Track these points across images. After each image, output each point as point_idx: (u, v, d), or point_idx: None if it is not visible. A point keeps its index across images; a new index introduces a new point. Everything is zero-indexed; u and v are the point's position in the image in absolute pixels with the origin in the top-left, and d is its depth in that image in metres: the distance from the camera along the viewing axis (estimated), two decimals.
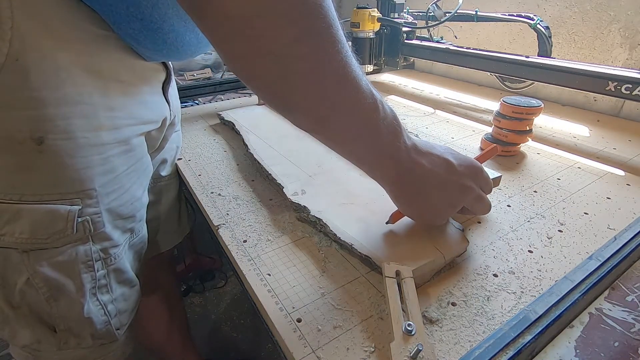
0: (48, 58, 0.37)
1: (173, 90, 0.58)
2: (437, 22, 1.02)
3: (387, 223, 0.44)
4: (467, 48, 0.93)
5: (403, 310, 0.34)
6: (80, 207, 0.42)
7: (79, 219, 0.43)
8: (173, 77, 0.58)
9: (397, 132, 0.36)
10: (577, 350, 0.34)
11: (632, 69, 0.67)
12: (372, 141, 0.35)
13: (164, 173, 0.65)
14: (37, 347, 0.47)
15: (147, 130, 0.50)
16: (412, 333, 0.32)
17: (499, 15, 0.93)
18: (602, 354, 0.33)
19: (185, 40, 0.46)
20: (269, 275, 0.41)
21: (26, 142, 0.38)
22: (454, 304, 0.38)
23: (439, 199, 0.39)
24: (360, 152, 0.37)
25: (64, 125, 0.39)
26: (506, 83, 1.02)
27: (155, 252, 0.70)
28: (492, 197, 0.55)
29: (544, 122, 0.83)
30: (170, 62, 0.56)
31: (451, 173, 0.38)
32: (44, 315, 0.46)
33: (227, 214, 0.52)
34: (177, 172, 0.68)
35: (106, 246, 0.47)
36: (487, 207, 0.43)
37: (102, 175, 0.43)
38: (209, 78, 1.22)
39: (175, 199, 0.70)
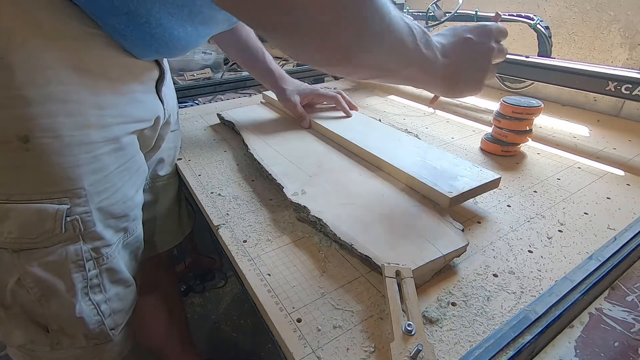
0: (33, 56, 0.37)
1: (168, 90, 0.58)
2: (437, 22, 1.02)
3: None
4: None
5: (403, 310, 0.34)
6: (68, 206, 0.42)
7: (68, 218, 0.42)
8: (167, 76, 0.57)
9: (431, 49, 0.43)
10: (577, 350, 0.34)
11: (632, 69, 0.67)
12: (423, 71, 0.44)
13: (162, 172, 0.64)
14: (30, 347, 0.47)
15: (139, 128, 0.50)
16: (412, 333, 0.32)
17: None
18: (602, 354, 0.33)
19: (174, 35, 0.46)
20: (269, 275, 0.41)
21: (12, 141, 0.38)
22: (454, 304, 0.38)
23: (475, 72, 0.47)
24: (415, 79, 0.46)
25: (50, 124, 0.39)
26: (506, 83, 1.02)
27: (154, 252, 0.70)
28: (492, 197, 0.55)
29: (544, 122, 0.83)
30: (165, 61, 0.55)
31: (474, 48, 0.46)
32: (36, 316, 0.46)
33: (227, 214, 0.52)
34: (176, 172, 0.68)
35: (98, 245, 0.46)
36: (505, 52, 0.48)
37: (91, 174, 0.43)
38: (209, 78, 1.22)
39: (175, 198, 0.70)
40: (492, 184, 0.52)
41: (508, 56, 0.81)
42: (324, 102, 0.81)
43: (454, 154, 0.59)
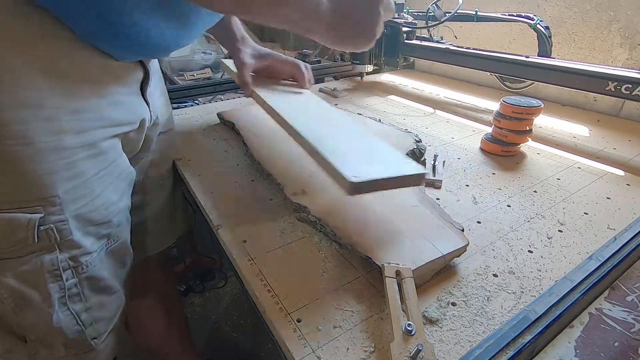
0: (2, 61, 0.36)
1: (154, 90, 0.56)
2: (437, 22, 1.02)
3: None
4: (467, 48, 0.93)
5: (403, 310, 0.34)
6: (42, 215, 0.41)
7: (42, 227, 0.41)
8: (155, 77, 0.56)
9: None
10: (577, 350, 0.34)
11: (632, 69, 0.67)
12: (302, 13, 0.41)
13: (154, 174, 0.63)
14: (8, 357, 0.46)
15: (121, 132, 0.48)
16: (412, 333, 0.32)
17: (499, 15, 0.93)
18: (602, 354, 0.33)
19: (150, 35, 0.44)
20: (269, 275, 0.41)
21: None
22: (454, 304, 0.38)
23: (364, 19, 0.44)
24: (295, 21, 0.42)
25: (22, 130, 0.37)
26: (506, 83, 1.02)
27: (147, 254, 0.68)
28: (492, 197, 0.55)
29: (544, 122, 0.83)
30: (152, 62, 0.53)
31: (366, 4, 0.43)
32: (13, 326, 0.45)
33: (227, 214, 0.52)
34: (172, 172, 0.67)
35: (76, 254, 0.45)
36: (393, 9, 0.47)
37: (67, 180, 0.42)
38: (209, 78, 1.22)
39: (169, 199, 0.69)
40: (415, 180, 0.43)
41: (508, 56, 0.82)
42: (287, 78, 0.73)
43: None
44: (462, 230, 0.45)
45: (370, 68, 1.10)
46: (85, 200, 0.44)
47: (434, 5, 1.02)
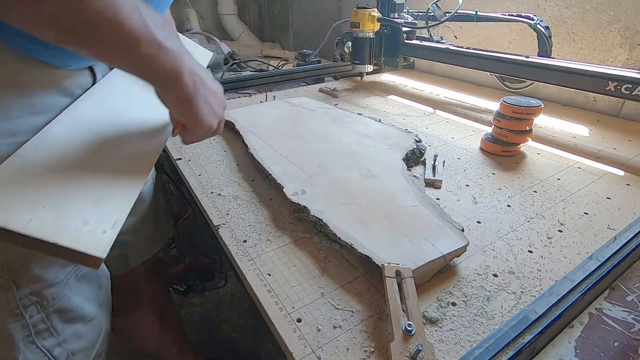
0: None
1: None
2: (437, 22, 1.02)
3: (173, 135, 0.46)
4: (467, 48, 0.93)
5: (403, 310, 0.34)
6: None
7: None
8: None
9: (170, 38, 0.36)
10: (577, 350, 0.34)
11: (632, 69, 0.67)
12: (155, 59, 0.35)
13: None
14: None
15: None
16: (412, 333, 0.32)
17: (499, 15, 0.93)
18: (602, 354, 0.33)
19: None
20: (269, 275, 0.41)
21: None
22: (454, 304, 0.38)
23: (212, 98, 0.43)
24: (151, 67, 0.36)
25: None
26: (506, 83, 1.02)
27: (131, 266, 0.65)
28: (492, 197, 0.55)
29: (544, 122, 0.83)
30: (100, 67, 0.48)
31: (219, 92, 0.45)
32: None
33: (227, 214, 0.52)
34: (154, 179, 0.64)
35: (37, 288, 0.41)
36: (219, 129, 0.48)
37: None
38: None
39: (150, 208, 0.65)
40: (78, 257, 0.31)
41: (508, 56, 0.82)
42: None
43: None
44: (462, 230, 0.45)
45: (370, 68, 1.10)
46: None
47: (434, 5, 1.02)
